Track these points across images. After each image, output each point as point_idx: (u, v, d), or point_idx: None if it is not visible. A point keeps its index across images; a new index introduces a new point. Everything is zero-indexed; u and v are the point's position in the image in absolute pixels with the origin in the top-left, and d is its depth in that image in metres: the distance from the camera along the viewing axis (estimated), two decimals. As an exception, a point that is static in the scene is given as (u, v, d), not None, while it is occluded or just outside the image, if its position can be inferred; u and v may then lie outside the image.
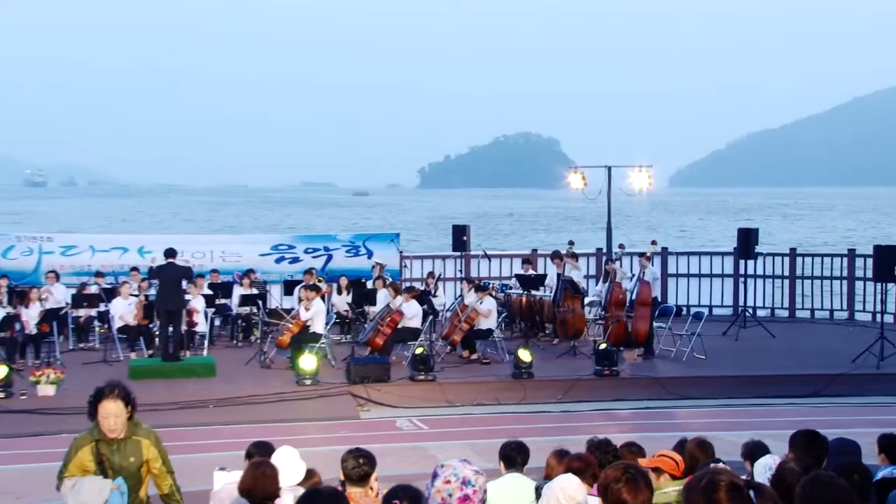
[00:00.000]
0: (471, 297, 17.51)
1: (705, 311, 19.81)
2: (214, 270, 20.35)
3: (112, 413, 5.76)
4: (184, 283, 16.24)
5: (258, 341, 17.92)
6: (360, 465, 5.26)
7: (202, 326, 17.83)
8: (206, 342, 17.83)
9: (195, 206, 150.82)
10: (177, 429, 12.63)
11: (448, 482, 4.02)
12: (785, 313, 22.81)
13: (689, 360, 16.97)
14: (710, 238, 72.43)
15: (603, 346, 15.93)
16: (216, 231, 71.77)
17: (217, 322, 19.66)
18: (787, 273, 22.78)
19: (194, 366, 15.86)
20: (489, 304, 17.16)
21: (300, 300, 17.32)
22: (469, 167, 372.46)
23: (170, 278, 15.86)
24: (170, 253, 16.10)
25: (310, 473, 6.00)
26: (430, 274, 20.80)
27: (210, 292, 18.92)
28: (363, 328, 18.04)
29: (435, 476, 4.07)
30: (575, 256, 19.85)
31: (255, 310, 18.82)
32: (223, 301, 19.45)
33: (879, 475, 6.18)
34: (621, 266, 20.67)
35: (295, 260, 21.92)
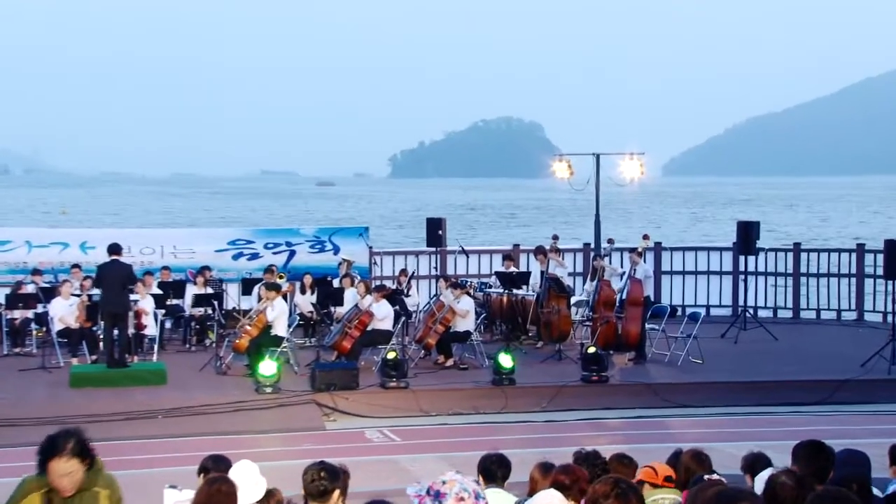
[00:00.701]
0: (447, 297, 17.51)
1: (702, 311, 19.90)
2: (165, 268, 20.24)
3: (65, 473, 5.05)
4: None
5: (213, 345, 17.85)
6: (319, 480, 5.22)
7: (151, 329, 17.73)
8: (155, 346, 17.74)
9: (144, 196, 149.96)
10: (123, 442, 12.56)
11: (462, 500, 3.96)
12: (788, 314, 22.98)
13: (685, 365, 17.06)
14: (707, 232, 72.86)
15: (591, 349, 15.99)
16: (167, 224, 71.39)
17: (168, 324, 19.55)
18: (790, 270, 22.94)
19: (142, 372, 15.77)
20: (467, 304, 17.18)
21: (260, 300, 17.25)
22: (445, 155, 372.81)
23: (114, 277, 15.76)
24: (114, 249, 16.00)
25: (270, 492, 5.97)
26: (403, 271, 20.79)
27: (160, 292, 18.82)
28: (329, 331, 18.01)
29: (439, 495, 3.98)
30: (560, 252, 19.92)
31: (210, 311, 18.74)
32: (175, 301, 19.34)
33: (890, 489, 6.21)
34: (610, 263, 20.74)
35: (254, 256, 21.83)
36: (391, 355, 15.44)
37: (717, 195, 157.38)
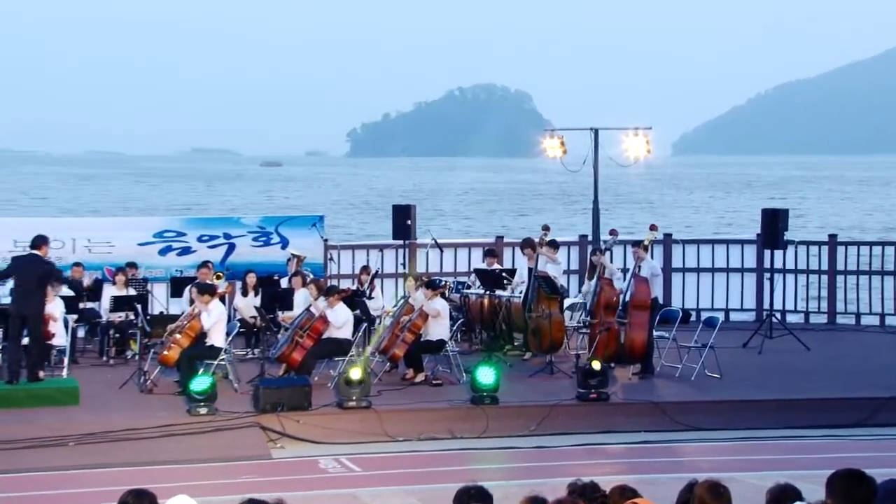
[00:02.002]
0: (417, 298, 17.51)
1: (720, 316, 20.01)
2: (77, 264, 20.14)
3: None
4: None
5: (136, 358, 17.78)
6: None
7: (61, 339, 17.61)
8: (66, 359, 17.62)
9: (53, 179, 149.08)
10: (28, 474, 12.50)
11: None
12: (823, 319, 23.14)
13: (700, 380, 17.14)
14: (726, 222, 73.26)
15: (593, 363, 16.02)
16: (78, 212, 70.99)
17: (81, 333, 19.45)
18: (825, 267, 23.11)
19: (51, 391, 15.66)
20: (441, 308, 17.19)
21: (192, 303, 17.18)
22: (414, 129, 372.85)
23: (30, 275, 15.69)
24: (37, 242, 15.89)
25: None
26: (364, 269, 20.78)
27: (71, 293, 18.71)
28: (276, 340, 17.97)
29: None
30: (553, 246, 19.93)
31: (132, 316, 18.66)
32: (89, 305, 19.23)
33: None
34: (611, 259, 20.79)
35: (185, 251, 21.75)
36: (351, 369, 15.43)
37: (738, 177, 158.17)
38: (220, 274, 19.56)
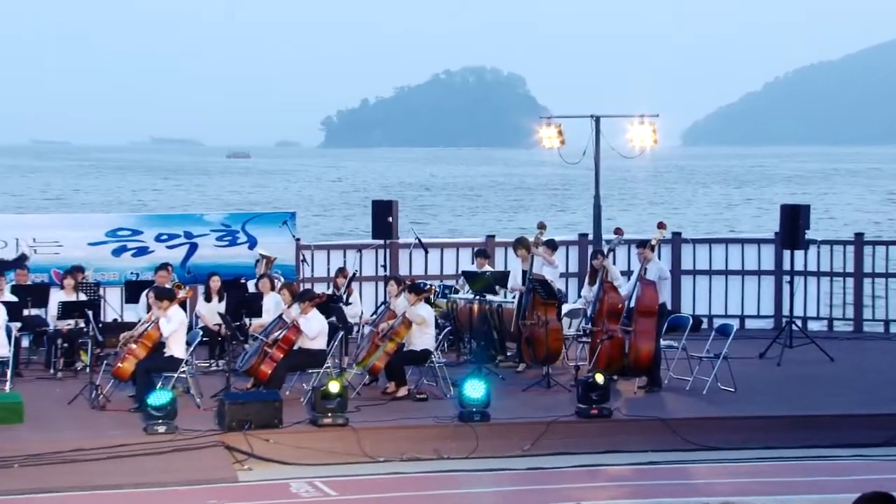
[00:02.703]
0: (399, 304, 17.50)
1: (734, 323, 20.01)
2: (21, 266, 20.07)
3: None
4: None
5: (87, 370, 17.72)
6: None
7: (3, 349, 17.55)
8: (8, 372, 17.57)
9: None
10: (-34, 500, 12.45)
11: None
12: (848, 326, 23.17)
13: (712, 394, 17.15)
14: (741, 219, 73.37)
15: (594, 375, 16.02)
16: (23, 208, 70.82)
17: (25, 343, 19.35)
18: (851, 269, 23.13)
19: (-8, 407, 15.63)
20: (425, 314, 17.19)
21: (150, 309, 17.13)
22: (396, 116, 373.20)
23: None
24: None
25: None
26: (341, 271, 20.75)
27: (14, 299, 18.65)
28: (243, 350, 17.94)
29: None
30: (550, 246, 19.92)
31: (82, 324, 18.60)
32: (34, 312, 19.15)
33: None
34: (615, 261, 20.79)
35: (142, 251, 21.71)
36: (331, 383, 15.40)
37: (754, 170, 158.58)
38: (181, 284, 19.54)
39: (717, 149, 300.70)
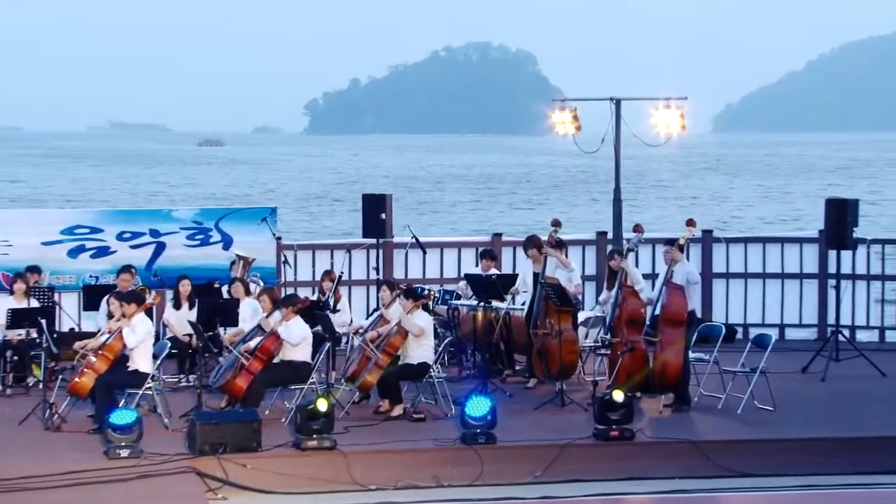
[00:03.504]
0: (394, 312, 17.52)
1: (773, 333, 20.01)
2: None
3: None
4: None
5: (40, 386, 17.73)
6: None
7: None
8: (-48, 389, 17.61)
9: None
10: None
11: None
12: (901, 337, 23.22)
13: (748, 414, 17.16)
14: (781, 216, 73.32)
15: (614, 392, 16.01)
16: (-31, 204, 70.79)
17: (-29, 355, 19.37)
18: (904, 271, 23.18)
19: (-67, 428, 15.65)
20: (423, 323, 17.21)
21: (111, 317, 17.13)
22: (390, 99, 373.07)
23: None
24: None
25: None
26: (328, 274, 20.76)
27: (-40, 307, 18.67)
28: (216, 363, 17.96)
29: None
30: (562, 246, 19.94)
31: (34, 334, 18.61)
32: (-20, 320, 19.16)
33: None
34: (637, 262, 20.81)
35: (102, 252, 21.75)
36: (318, 401, 15.39)
37: (796, 159, 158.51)
38: (146, 289, 19.57)
39: (753, 135, 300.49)
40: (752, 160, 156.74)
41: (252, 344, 16.89)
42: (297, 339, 16.81)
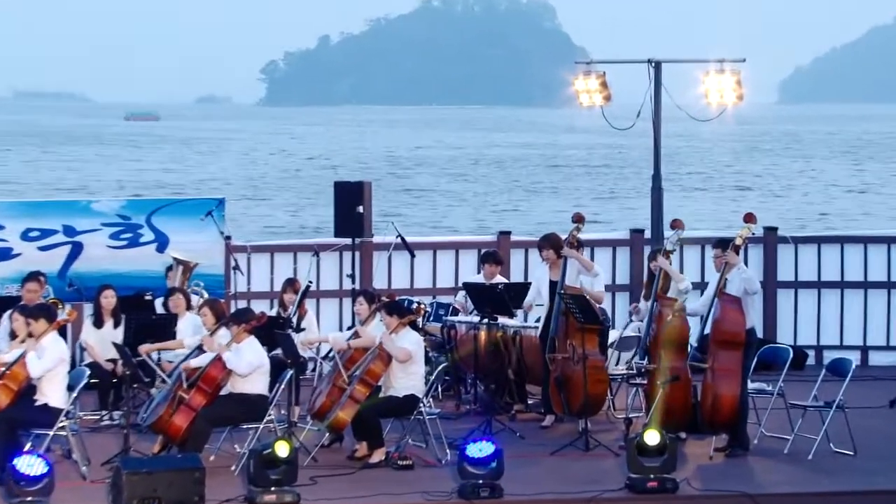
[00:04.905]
0: (373, 330, 17.55)
1: (854, 357, 20.04)
2: None
3: None
4: None
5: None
6: None
7: None
8: None
9: None
10: None
11: None
12: None
13: (822, 459, 17.19)
14: (866, 210, 73.26)
15: (651, 432, 16.05)
16: None
17: None
18: None
19: None
20: (411, 345, 17.23)
21: (14, 337, 17.14)
22: (370, 61, 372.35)
23: None
24: None
25: None
26: (290, 283, 20.78)
27: None
28: (148, 396, 17.96)
29: None
30: (582, 248, 19.95)
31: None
32: None
33: None
34: (681, 268, 20.81)
35: (2, 254, 21.81)
36: (277, 444, 15.40)
37: (882, 136, 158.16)
38: (59, 301, 19.58)
39: (829, 106, 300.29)
40: (829, 137, 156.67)
41: (194, 363, 16.87)
42: (247, 367, 16.75)
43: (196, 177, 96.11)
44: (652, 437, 15.87)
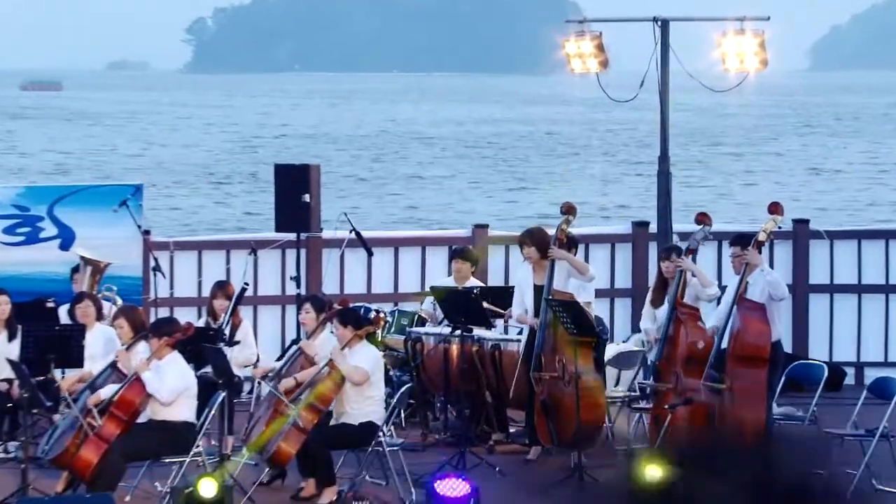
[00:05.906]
0: (322, 344, 17.59)
1: (899, 375, 20.15)
2: None
3: None
4: None
5: None
6: None
7: None
8: None
9: None
10: None
11: None
12: None
13: (863, 498, 17.23)
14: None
15: (655, 464, 16.08)
16: None
17: None
18: None
19: None
20: (368, 363, 17.25)
21: None
22: (317, 18, 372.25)
23: None
24: None
25: None
26: (221, 287, 20.79)
27: None
28: (50, 424, 17.96)
29: None
30: (574, 245, 19.98)
31: None
32: None
33: None
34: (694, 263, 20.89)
35: None
36: (201, 482, 15.41)
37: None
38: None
39: (870, 73, 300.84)
40: (869, 111, 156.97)
41: (104, 394, 16.88)
42: (171, 391, 16.77)
43: (108, 158, 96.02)
44: (656, 472, 15.90)
